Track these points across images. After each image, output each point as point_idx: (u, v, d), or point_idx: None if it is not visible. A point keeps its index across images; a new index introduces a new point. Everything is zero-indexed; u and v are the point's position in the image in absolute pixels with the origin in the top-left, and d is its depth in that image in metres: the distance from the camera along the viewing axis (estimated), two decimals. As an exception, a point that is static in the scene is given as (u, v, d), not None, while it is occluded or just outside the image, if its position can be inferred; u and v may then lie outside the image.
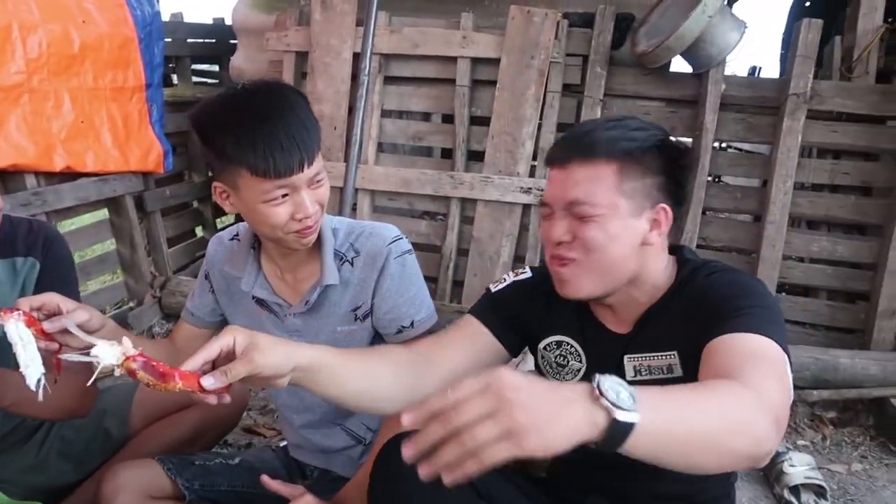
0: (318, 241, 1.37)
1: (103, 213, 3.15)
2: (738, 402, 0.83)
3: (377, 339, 1.46)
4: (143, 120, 3.23)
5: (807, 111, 2.82)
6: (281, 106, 1.22)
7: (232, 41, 4.02)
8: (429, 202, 3.27)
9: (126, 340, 0.96)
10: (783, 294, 3.05)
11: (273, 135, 1.19)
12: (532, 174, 3.09)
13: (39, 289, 1.49)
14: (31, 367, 1.02)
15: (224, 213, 4.15)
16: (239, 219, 1.50)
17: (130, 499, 1.40)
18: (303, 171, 1.22)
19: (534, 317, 1.30)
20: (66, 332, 1.08)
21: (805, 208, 2.95)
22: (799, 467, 2.09)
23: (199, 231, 3.97)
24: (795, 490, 2.06)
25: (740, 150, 4.68)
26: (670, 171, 1.14)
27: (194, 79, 4.01)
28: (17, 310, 1.06)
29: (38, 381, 1.03)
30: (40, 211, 2.64)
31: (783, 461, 2.12)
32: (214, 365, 0.96)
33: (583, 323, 1.25)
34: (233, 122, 1.21)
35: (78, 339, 1.03)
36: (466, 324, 1.29)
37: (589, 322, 1.25)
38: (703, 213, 3.04)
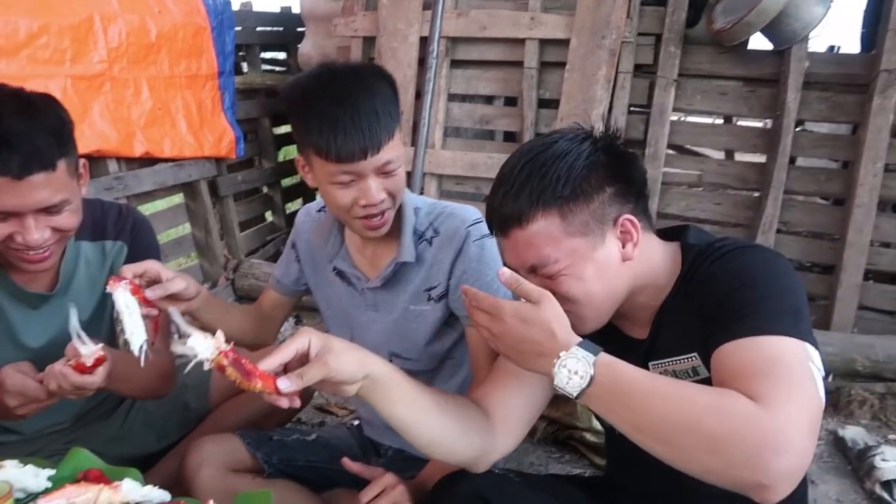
0: (399, 219, 1.37)
1: (179, 198, 3.24)
2: (720, 417, 0.82)
3: (449, 321, 1.45)
4: (216, 107, 3.31)
5: (899, 88, 2.66)
6: (356, 90, 1.21)
7: (300, 29, 4.07)
8: (496, 186, 3.23)
9: (220, 334, 0.96)
10: (870, 281, 2.89)
11: (338, 119, 1.18)
12: (602, 157, 3.01)
13: None
14: (136, 335, 1.07)
15: (292, 199, 4.22)
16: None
17: (213, 472, 1.43)
18: (366, 159, 1.20)
19: None
20: (165, 297, 1.14)
21: (895, 191, 2.79)
22: (891, 462, 1.98)
23: (268, 216, 4.06)
24: (888, 485, 1.96)
25: (811, 131, 4.48)
26: (613, 177, 1.05)
27: (263, 66, 4.08)
28: (124, 278, 1.11)
29: (141, 347, 1.07)
30: (122, 195, 2.73)
31: (874, 455, 2.02)
32: (286, 367, 0.95)
33: (602, 333, 1.13)
34: (308, 102, 1.22)
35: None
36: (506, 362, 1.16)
37: (608, 330, 1.14)
38: (786, 194, 2.91)
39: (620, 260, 1.06)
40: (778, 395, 0.83)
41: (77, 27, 2.57)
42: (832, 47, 6.07)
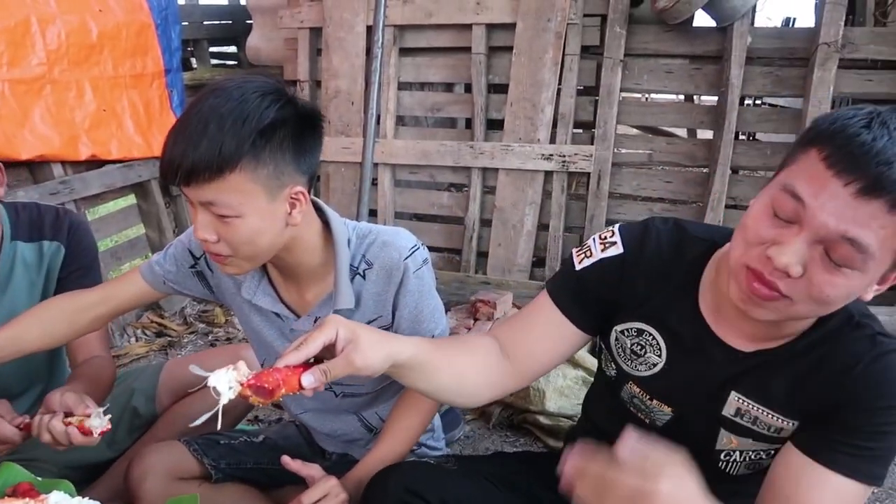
0: (332, 253, 1.27)
1: (130, 199, 3.21)
2: None
3: None
4: (165, 105, 3.26)
5: (839, 60, 2.70)
6: (210, 112, 1.06)
7: (248, 21, 4.01)
8: (450, 173, 3.24)
9: (241, 365, 0.94)
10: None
11: (178, 131, 1.07)
12: (553, 140, 3.04)
13: (64, 272, 1.57)
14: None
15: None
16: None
17: (158, 482, 1.41)
18: (184, 185, 1.07)
19: (619, 299, 1.12)
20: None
21: (839, 162, 2.84)
22: None
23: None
24: None
25: (774, 105, 4.54)
26: None
27: (213, 61, 4.03)
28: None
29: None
30: (69, 199, 2.69)
31: None
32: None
33: (684, 320, 1.06)
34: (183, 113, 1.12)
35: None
36: (544, 307, 1.16)
37: (695, 323, 1.06)
38: (733, 172, 2.96)
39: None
40: None
41: (13, 30, 2.51)
42: (789, 19, 6.15)
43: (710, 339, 1.04)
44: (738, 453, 1.07)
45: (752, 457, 1.07)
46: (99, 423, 1.19)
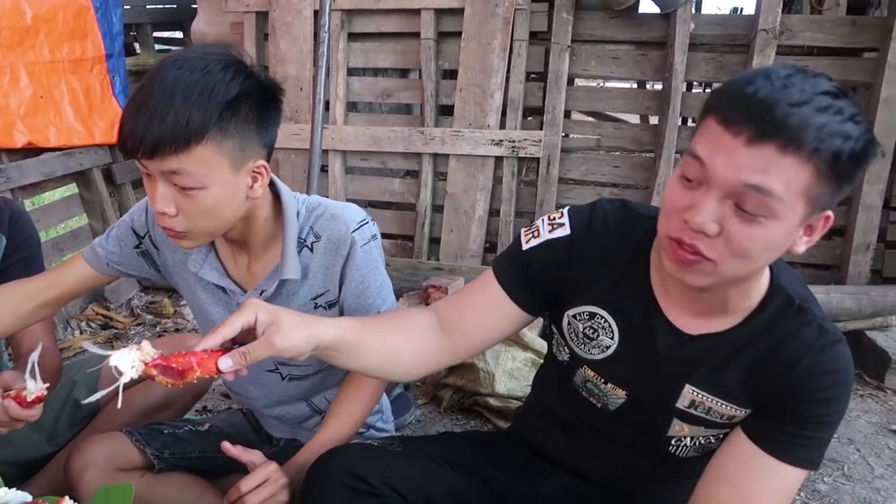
0: (281, 225, 1.26)
1: (71, 189, 3.11)
2: None
3: None
4: (106, 92, 3.17)
5: (777, 47, 2.78)
6: (174, 82, 1.04)
7: (193, 5, 3.92)
8: (401, 160, 3.23)
9: (146, 344, 0.92)
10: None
11: (140, 102, 1.04)
12: (503, 126, 3.06)
13: (6, 263, 1.53)
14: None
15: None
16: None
17: (98, 474, 1.37)
18: (148, 157, 1.05)
19: (568, 283, 1.11)
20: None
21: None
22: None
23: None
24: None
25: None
26: (858, 175, 0.86)
27: (157, 46, 3.92)
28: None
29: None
30: (4, 188, 2.60)
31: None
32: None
33: (635, 300, 1.07)
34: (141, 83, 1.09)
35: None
36: (487, 285, 1.16)
37: (645, 303, 1.07)
38: (678, 154, 3.02)
39: (788, 248, 0.94)
40: None
41: (-60, 12, 2.42)
42: (736, 9, 6.28)
43: (659, 319, 1.05)
44: (688, 439, 1.10)
45: (702, 442, 1.10)
46: (34, 386, 1.13)
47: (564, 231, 1.10)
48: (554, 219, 1.13)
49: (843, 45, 2.80)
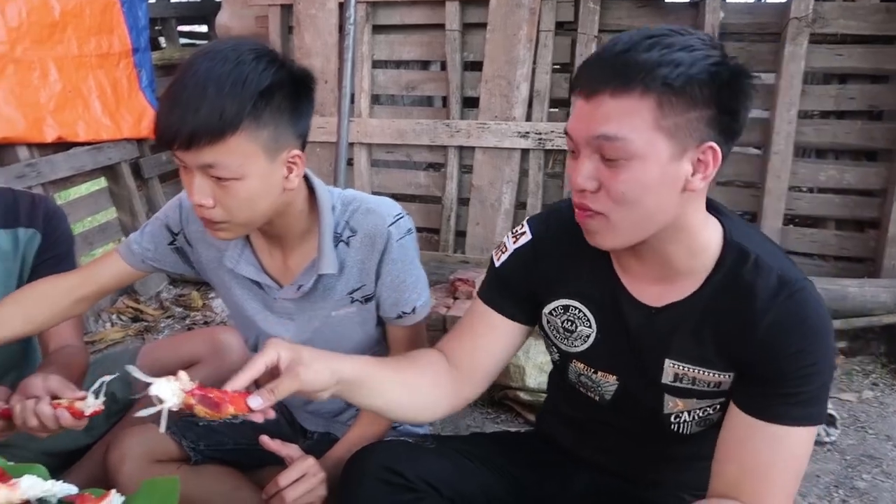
0: (317, 219, 1.26)
1: (100, 183, 3.14)
2: None
3: (378, 321, 1.39)
4: (133, 86, 3.19)
5: (809, 35, 2.72)
6: (207, 74, 1.05)
7: (217, -1, 3.93)
8: (426, 152, 3.22)
9: (183, 375, 0.94)
10: (791, 226, 3.00)
11: (174, 95, 1.05)
12: (529, 118, 3.03)
13: (39, 260, 1.55)
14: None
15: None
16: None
17: (136, 465, 1.40)
18: (184, 150, 1.06)
19: (540, 282, 1.16)
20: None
21: (811, 137, 2.87)
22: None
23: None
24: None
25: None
26: (723, 101, 0.89)
27: (182, 40, 3.94)
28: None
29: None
30: (36, 182, 2.63)
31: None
32: (256, 382, 0.95)
33: (601, 285, 1.09)
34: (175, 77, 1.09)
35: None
36: (477, 310, 1.20)
37: (611, 285, 1.09)
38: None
39: (683, 187, 0.92)
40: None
41: (-30, 8, 2.44)
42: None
43: (625, 298, 1.08)
44: (686, 413, 1.10)
45: (701, 414, 1.10)
46: (93, 402, 1.16)
47: (527, 238, 1.17)
48: (517, 231, 1.20)
49: (877, 32, 2.74)
